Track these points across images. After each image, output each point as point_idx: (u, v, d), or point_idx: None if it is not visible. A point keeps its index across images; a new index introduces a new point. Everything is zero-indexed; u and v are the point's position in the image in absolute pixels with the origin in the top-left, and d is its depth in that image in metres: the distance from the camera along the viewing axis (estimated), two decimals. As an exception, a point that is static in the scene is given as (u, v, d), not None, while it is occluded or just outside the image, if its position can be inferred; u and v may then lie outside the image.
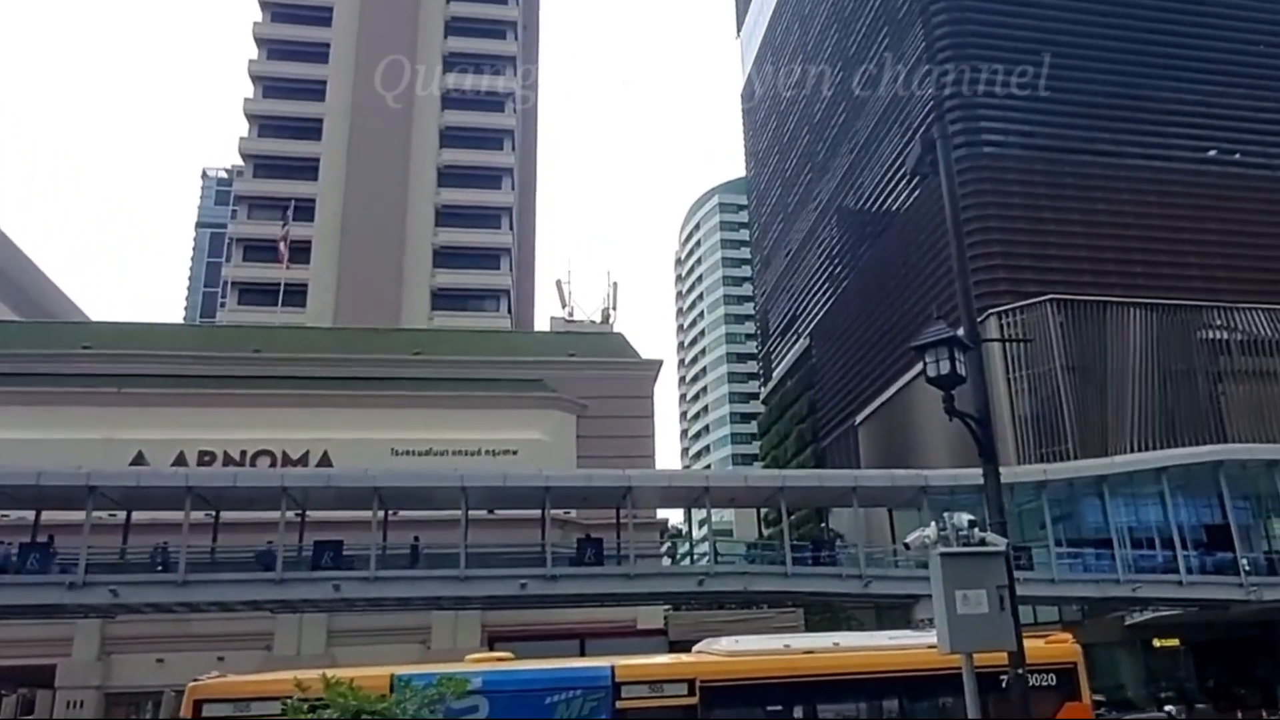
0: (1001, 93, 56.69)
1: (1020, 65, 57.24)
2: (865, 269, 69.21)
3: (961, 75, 56.99)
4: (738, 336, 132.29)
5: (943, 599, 10.05)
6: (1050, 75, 57.38)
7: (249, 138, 72.56)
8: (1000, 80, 56.81)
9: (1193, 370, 50.74)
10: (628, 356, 54.17)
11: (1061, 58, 57.95)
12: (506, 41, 79.10)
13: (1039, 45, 58.00)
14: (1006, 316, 50.61)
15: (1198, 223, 55.62)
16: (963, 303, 16.11)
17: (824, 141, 79.53)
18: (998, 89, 56.62)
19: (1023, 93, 56.81)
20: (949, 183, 16.19)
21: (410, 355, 50.30)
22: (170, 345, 50.03)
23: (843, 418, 71.92)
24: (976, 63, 57.09)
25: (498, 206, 73.81)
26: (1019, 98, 56.78)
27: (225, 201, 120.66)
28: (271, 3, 76.16)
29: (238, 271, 69.02)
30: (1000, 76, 56.93)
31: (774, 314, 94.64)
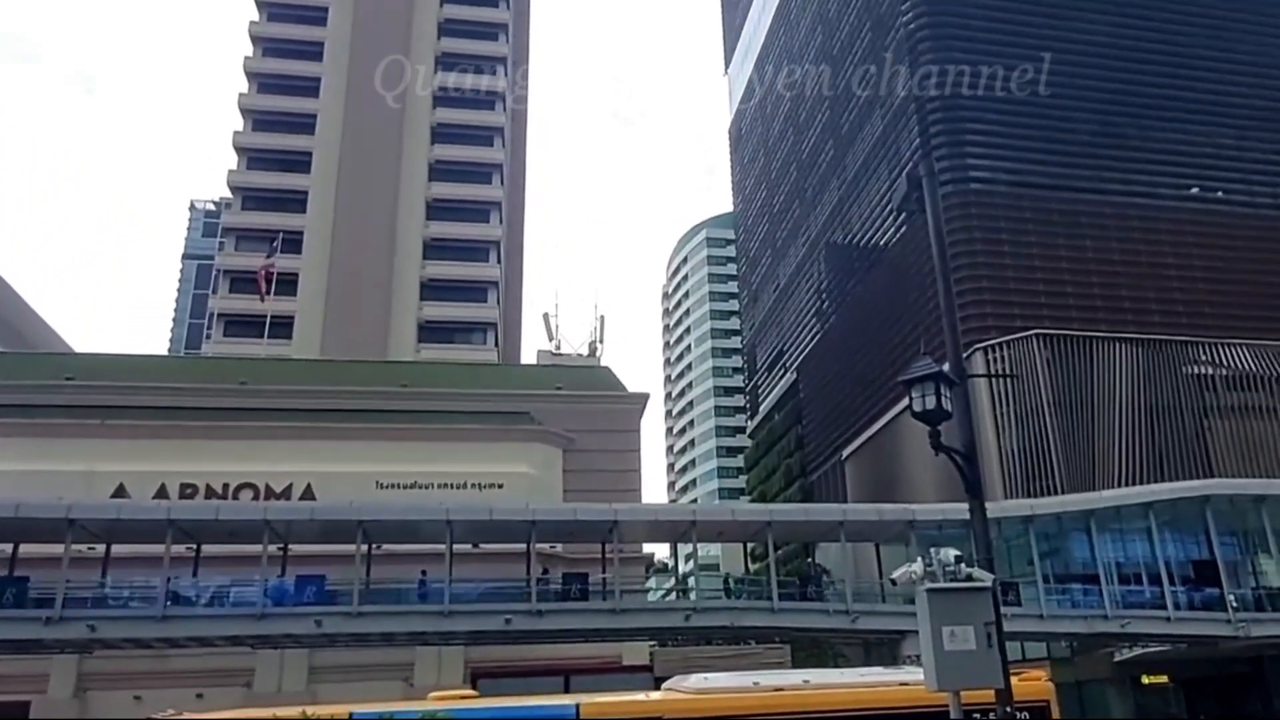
0: (988, 130, 57.37)
1: (1007, 104, 58.02)
2: (853, 304, 69.47)
3: (949, 114, 57.67)
4: (725, 370, 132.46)
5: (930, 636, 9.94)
6: (1036, 114, 58.12)
7: (238, 170, 72.64)
8: (987, 118, 57.54)
9: (1179, 405, 50.95)
10: (614, 390, 54.09)
11: (1047, 98, 58.69)
12: (496, 77, 79.71)
13: (1027, 85, 58.72)
14: (993, 351, 50.79)
15: (1182, 259, 56.13)
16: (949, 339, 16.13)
17: (812, 177, 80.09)
18: (984, 127, 57.31)
19: (1009, 130, 57.51)
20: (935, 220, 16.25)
21: (396, 388, 50.10)
22: (154, 377, 49.71)
23: (830, 452, 71.85)
24: (963, 102, 57.82)
25: (486, 240, 73.96)
26: (1005, 135, 57.45)
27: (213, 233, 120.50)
28: (263, 37, 76.62)
29: (224, 303, 68.76)
30: (987, 115, 57.67)
31: (761, 348, 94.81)
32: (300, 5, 77.60)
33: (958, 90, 58.23)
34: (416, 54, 77.88)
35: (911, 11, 61.23)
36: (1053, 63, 59.87)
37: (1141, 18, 62.57)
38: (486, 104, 78.39)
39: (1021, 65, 59.27)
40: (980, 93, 58.18)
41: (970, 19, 60.39)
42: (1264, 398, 51.92)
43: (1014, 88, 58.47)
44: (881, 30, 65.89)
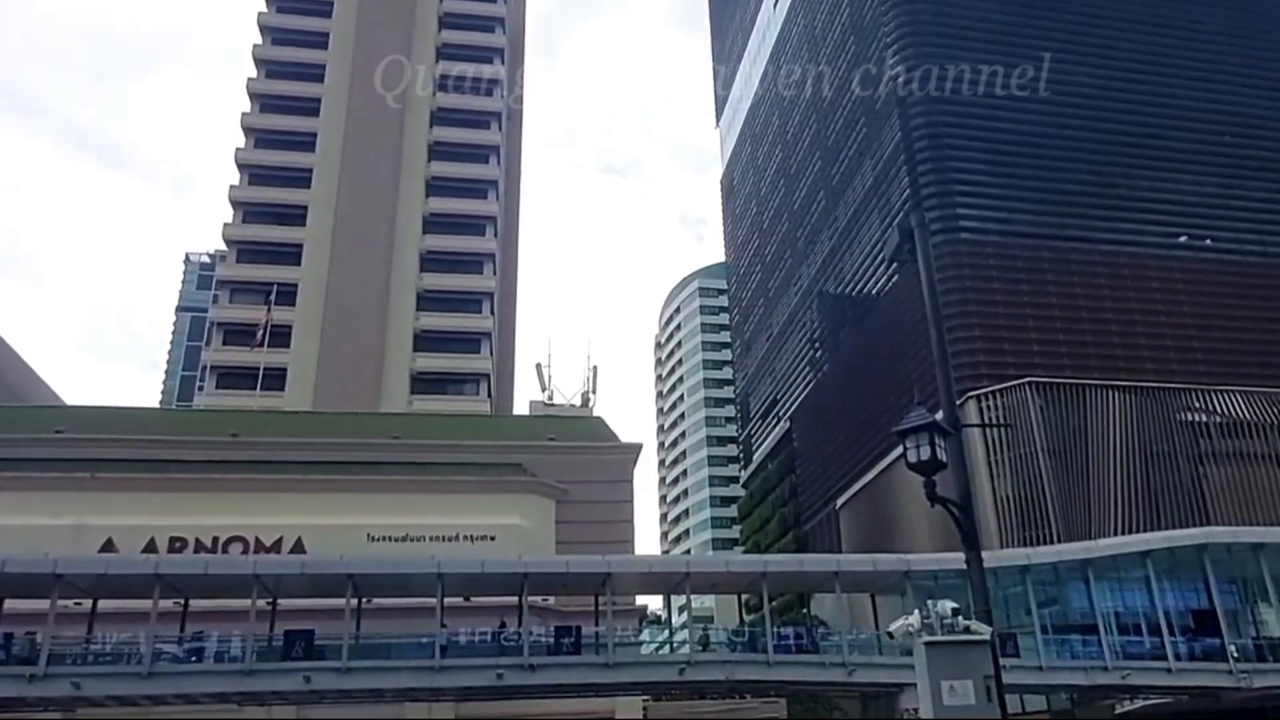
0: (977, 180, 57.98)
1: (996, 155, 58.77)
2: (846, 353, 69.58)
3: (938, 164, 58.32)
4: (718, 420, 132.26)
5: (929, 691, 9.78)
6: (1025, 164, 58.81)
7: (233, 223, 72.96)
8: (976, 169, 58.20)
9: (1174, 452, 50.88)
10: (607, 440, 53.91)
11: (1035, 148, 59.46)
12: (490, 131, 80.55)
13: (1014, 136, 59.56)
14: (986, 399, 50.80)
15: (1173, 306, 56.44)
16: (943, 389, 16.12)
17: (804, 227, 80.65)
18: (974, 177, 57.94)
19: (998, 180, 58.15)
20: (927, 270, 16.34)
21: (389, 439, 49.87)
22: (145, 430, 49.44)
23: (824, 501, 71.49)
24: (953, 152, 58.54)
25: (479, 292, 74.17)
26: (995, 185, 58.06)
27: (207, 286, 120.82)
28: (260, 94, 77.46)
29: (217, 355, 68.66)
30: (976, 165, 58.35)
31: (755, 397, 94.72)
32: (297, 62, 78.59)
33: (947, 141, 58.98)
34: (412, 113, 78.75)
35: (900, 65, 62.12)
36: (1040, 113, 60.76)
37: (1126, 69, 63.60)
38: (480, 158, 79.11)
39: (1009, 117, 60.14)
40: (969, 143, 58.97)
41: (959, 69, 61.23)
42: (1259, 444, 51.90)
43: (1002, 137, 59.28)
44: (870, 84, 66.80)
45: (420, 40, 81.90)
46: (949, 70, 61.24)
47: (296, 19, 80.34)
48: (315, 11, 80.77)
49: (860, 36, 69.44)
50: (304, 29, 79.88)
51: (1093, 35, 64.54)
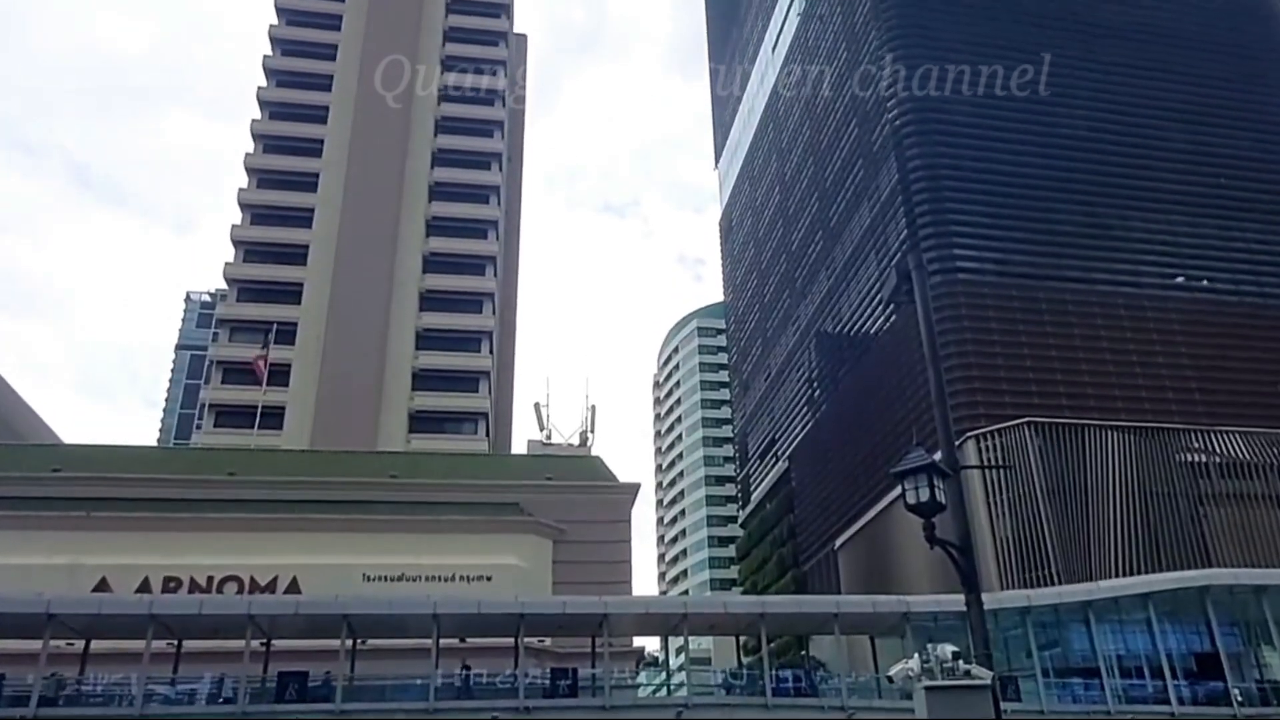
0: (974, 221, 58.37)
1: (992, 196, 59.24)
2: (844, 392, 69.58)
3: (935, 205, 58.73)
4: (716, 460, 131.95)
5: (928, 736, 9.67)
6: (1021, 205, 59.25)
7: (234, 263, 73.21)
8: (973, 210, 58.63)
9: (1174, 493, 50.70)
10: (605, 480, 53.67)
11: (1032, 189, 59.96)
12: (490, 172, 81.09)
13: (1010, 178, 60.07)
14: (985, 440, 50.71)
15: (1170, 347, 56.55)
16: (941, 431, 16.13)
17: (802, 268, 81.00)
18: (970, 218, 58.34)
19: (995, 221, 58.53)
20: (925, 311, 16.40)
21: (385, 479, 49.65)
22: (142, 468, 49.22)
23: (823, 542, 71.13)
24: (950, 194, 59.00)
25: (479, 330, 74.29)
26: (991, 226, 58.43)
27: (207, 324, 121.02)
28: (264, 135, 78.14)
29: (216, 394, 68.55)
30: (973, 206, 58.78)
31: (753, 437, 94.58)
32: (300, 104, 79.36)
33: (944, 182, 59.45)
34: (414, 148, 79.42)
35: (897, 109, 62.78)
36: (1036, 156, 61.33)
37: (1121, 112, 64.30)
38: (481, 197, 79.62)
39: (1006, 159, 60.71)
40: (966, 184, 59.43)
41: (955, 115, 61.95)
42: (1259, 485, 51.74)
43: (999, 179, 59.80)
44: (869, 127, 67.44)
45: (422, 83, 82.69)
46: (946, 113, 61.95)
47: (301, 62, 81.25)
48: (319, 55, 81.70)
49: (857, 78, 70.20)
50: (308, 72, 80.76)
51: (1088, 79, 65.32)
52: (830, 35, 77.52)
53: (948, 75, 63.22)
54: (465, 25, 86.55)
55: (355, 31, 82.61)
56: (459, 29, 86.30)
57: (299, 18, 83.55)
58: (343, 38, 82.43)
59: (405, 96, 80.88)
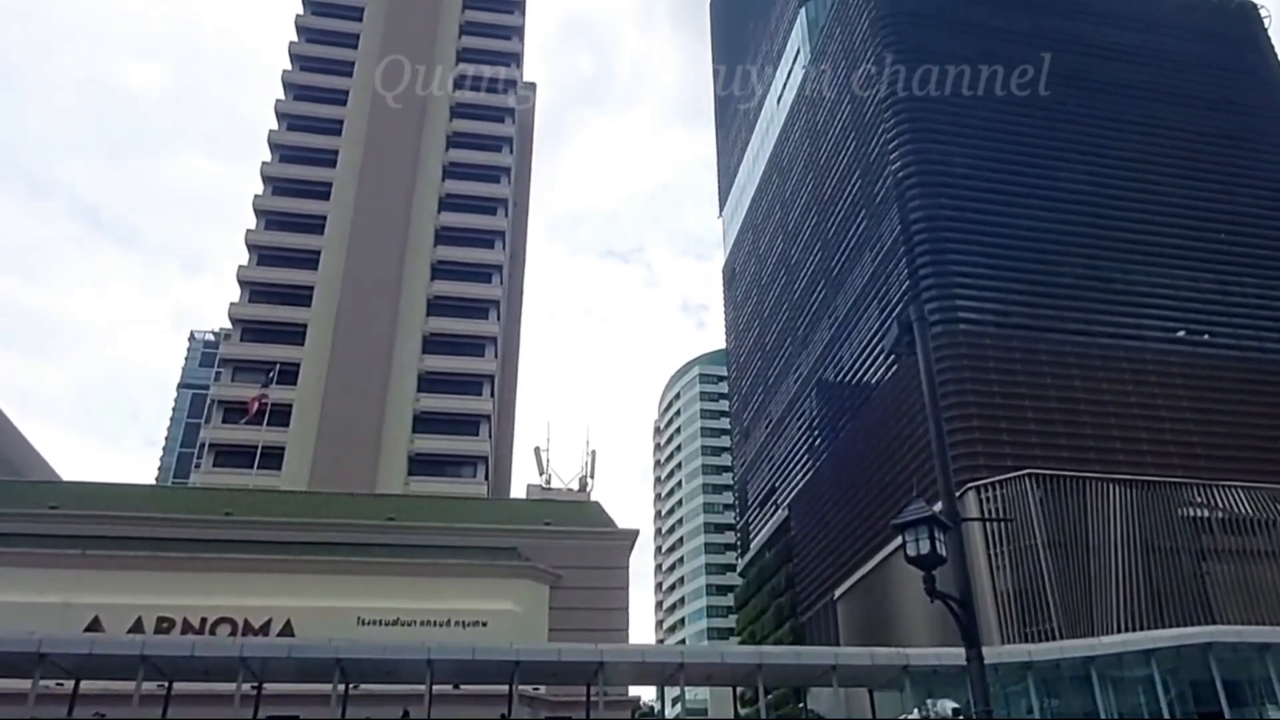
0: (975, 273, 58.64)
1: (993, 248, 59.59)
2: (844, 442, 69.42)
3: (937, 257, 59.05)
4: (716, 507, 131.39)
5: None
6: (1022, 257, 59.57)
7: (240, 303, 73.57)
8: (974, 261, 58.95)
9: (1176, 548, 50.30)
10: (604, 526, 53.38)
11: (1033, 242, 60.32)
12: (496, 217, 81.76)
13: (1011, 230, 60.46)
14: (985, 491, 50.46)
15: (1171, 400, 56.48)
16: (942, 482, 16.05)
17: (804, 317, 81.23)
18: (972, 269, 58.64)
19: (996, 273, 58.82)
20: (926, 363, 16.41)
21: (383, 521, 49.41)
22: (139, 507, 49.01)
23: (822, 592, 70.53)
24: (952, 245, 59.35)
25: (480, 374, 74.42)
26: (992, 278, 58.69)
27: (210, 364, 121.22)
28: (273, 178, 78.98)
29: (216, 433, 68.52)
30: (974, 258, 59.10)
31: (753, 485, 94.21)
32: (310, 148, 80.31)
33: (945, 234, 59.83)
34: (420, 192, 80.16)
35: (900, 160, 63.37)
36: (1035, 208, 61.78)
37: (1120, 169, 64.92)
38: (485, 243, 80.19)
39: (1007, 212, 61.17)
40: (968, 237, 59.80)
41: (955, 167, 62.52)
42: (1262, 541, 51.37)
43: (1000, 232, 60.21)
44: (871, 177, 68.02)
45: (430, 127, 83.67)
46: (948, 166, 62.55)
47: (311, 106, 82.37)
48: (329, 100, 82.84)
49: (860, 133, 70.96)
50: (318, 116, 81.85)
51: (1089, 135, 66.04)
52: (834, 88, 78.46)
53: (950, 127, 63.99)
54: (474, 73, 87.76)
55: (365, 78, 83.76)
56: (469, 76, 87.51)
57: (311, 64, 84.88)
58: (353, 83, 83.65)
59: (412, 141, 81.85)
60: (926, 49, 67.75)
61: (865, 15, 72.74)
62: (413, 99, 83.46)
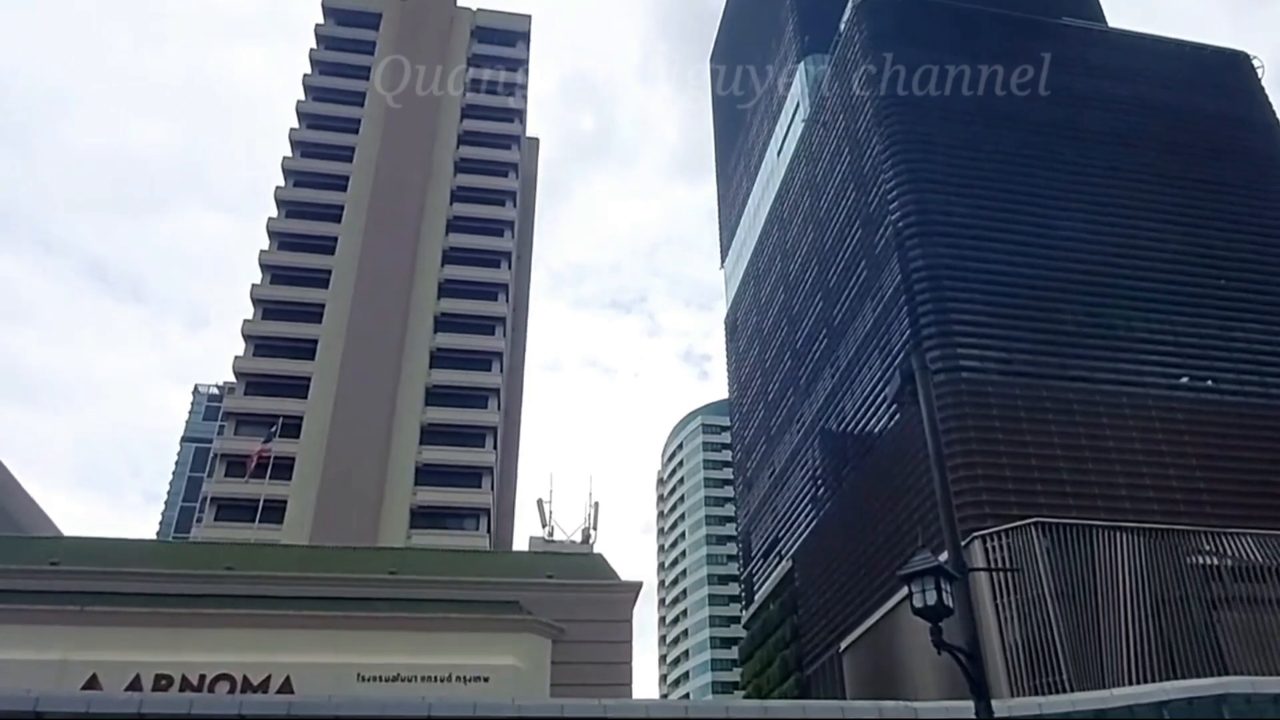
0: (977, 321, 58.82)
1: (994, 296, 59.85)
2: (848, 491, 69.10)
3: (938, 305, 59.29)
4: (719, 558, 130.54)
5: None
6: (1023, 305, 59.78)
7: (244, 357, 73.95)
8: (975, 309, 59.17)
9: (1186, 597, 49.70)
10: (607, 578, 52.94)
11: (1034, 289, 60.58)
12: (499, 270, 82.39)
13: (1012, 278, 60.77)
14: (991, 540, 50.06)
15: (1176, 447, 56.22)
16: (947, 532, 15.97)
17: (806, 366, 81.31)
18: (973, 317, 58.83)
19: (997, 321, 59.00)
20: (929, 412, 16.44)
21: (384, 575, 49.03)
22: (139, 562, 48.66)
23: (827, 644, 69.69)
24: (952, 294, 59.60)
25: (483, 425, 74.49)
26: (994, 326, 58.85)
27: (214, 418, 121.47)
28: (279, 232, 79.83)
29: (219, 487, 68.43)
30: (975, 306, 59.34)
31: (756, 535, 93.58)
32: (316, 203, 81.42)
33: (946, 283, 60.12)
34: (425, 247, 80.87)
35: (899, 210, 63.91)
36: (1036, 257, 62.17)
37: (1119, 216, 65.44)
38: (489, 294, 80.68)
39: (1007, 260, 61.54)
40: (968, 285, 60.12)
41: (955, 217, 63.02)
42: (1273, 589, 50.67)
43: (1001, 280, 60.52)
44: (871, 227, 68.53)
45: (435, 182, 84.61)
46: (947, 216, 63.07)
47: (318, 163, 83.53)
48: (336, 157, 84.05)
49: (860, 184, 71.66)
50: (324, 173, 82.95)
51: (1086, 185, 66.68)
52: (834, 140, 79.38)
53: (950, 179, 64.68)
54: (478, 130, 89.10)
55: (372, 135, 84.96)
56: (473, 133, 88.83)
57: (319, 122, 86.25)
58: (358, 140, 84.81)
59: (417, 197, 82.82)
60: (924, 104, 68.76)
61: (863, 70, 73.88)
62: (417, 155, 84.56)
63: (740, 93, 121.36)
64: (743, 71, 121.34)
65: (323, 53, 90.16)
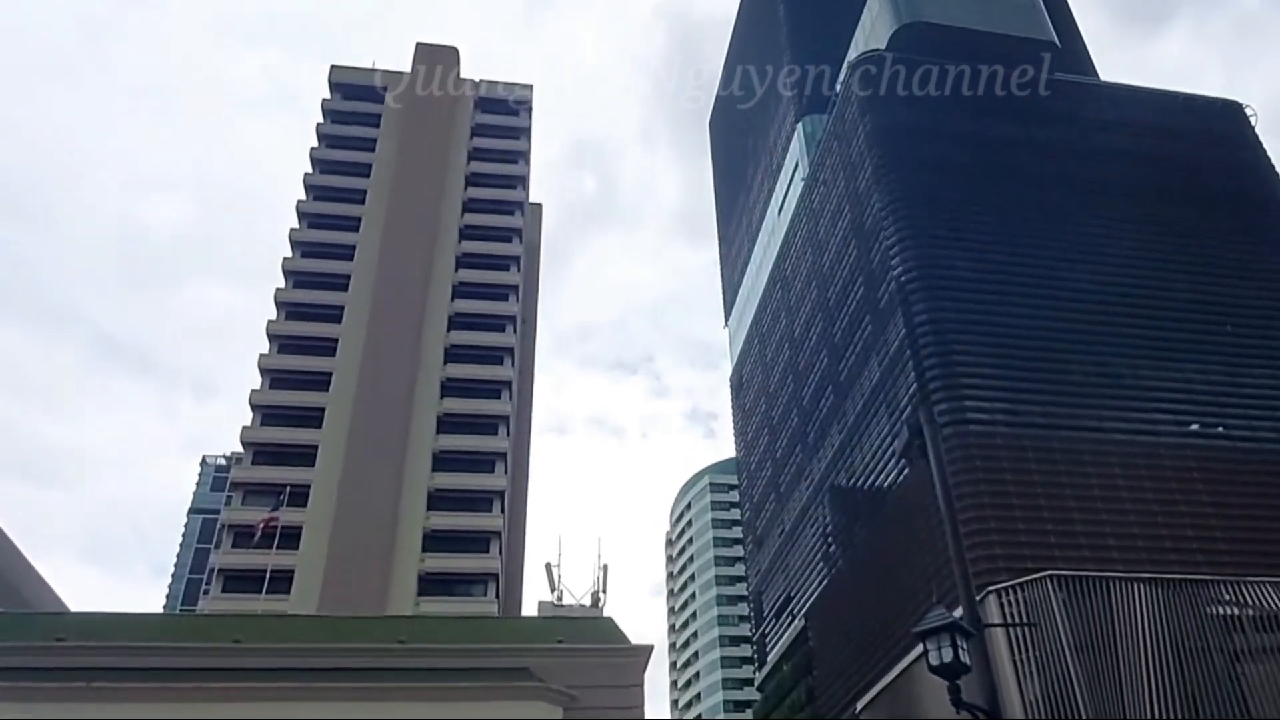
0: (983, 374, 58.73)
1: (1000, 348, 59.86)
2: (860, 548, 68.46)
3: (943, 359, 59.26)
4: (731, 619, 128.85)
5: None
6: (1029, 356, 59.75)
7: (252, 426, 73.99)
8: (981, 362, 59.13)
9: (1208, 648, 48.81)
10: (617, 642, 52.20)
11: (1040, 339, 60.60)
12: (505, 334, 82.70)
13: (1017, 329, 60.86)
14: (1006, 594, 49.38)
15: (1190, 495, 55.69)
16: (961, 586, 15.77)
17: (813, 423, 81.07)
18: (979, 369, 58.76)
19: (1004, 373, 58.90)
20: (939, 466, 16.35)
21: (393, 644, 48.42)
22: (147, 636, 48.17)
23: (844, 705, 68.40)
24: (958, 347, 59.62)
25: (490, 490, 74.20)
26: (1000, 378, 58.74)
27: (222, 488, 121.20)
28: (287, 303, 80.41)
29: (226, 558, 67.98)
30: (981, 359, 59.29)
31: (768, 595, 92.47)
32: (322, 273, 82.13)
33: (951, 336, 60.17)
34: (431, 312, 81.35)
35: (902, 265, 64.23)
36: (1039, 308, 62.27)
37: (1121, 266, 65.71)
38: (495, 359, 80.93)
39: (1011, 311, 61.67)
40: (973, 337, 60.15)
41: (957, 270, 63.30)
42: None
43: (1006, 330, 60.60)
44: (874, 283, 68.83)
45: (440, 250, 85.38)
46: (950, 270, 63.35)
47: (325, 234, 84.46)
48: (342, 227, 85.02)
49: (861, 240, 72.15)
50: (331, 243, 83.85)
51: (1087, 235, 67.09)
52: (834, 198, 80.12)
53: (951, 233, 65.11)
54: (482, 196, 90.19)
55: (378, 206, 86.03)
56: (477, 200, 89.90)
57: (326, 194, 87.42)
58: (365, 210, 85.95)
59: (423, 263, 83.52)
60: (922, 160, 69.59)
61: (861, 129, 74.83)
62: (422, 223, 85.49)
63: (740, 153, 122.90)
64: (742, 132, 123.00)
65: (329, 126, 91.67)
